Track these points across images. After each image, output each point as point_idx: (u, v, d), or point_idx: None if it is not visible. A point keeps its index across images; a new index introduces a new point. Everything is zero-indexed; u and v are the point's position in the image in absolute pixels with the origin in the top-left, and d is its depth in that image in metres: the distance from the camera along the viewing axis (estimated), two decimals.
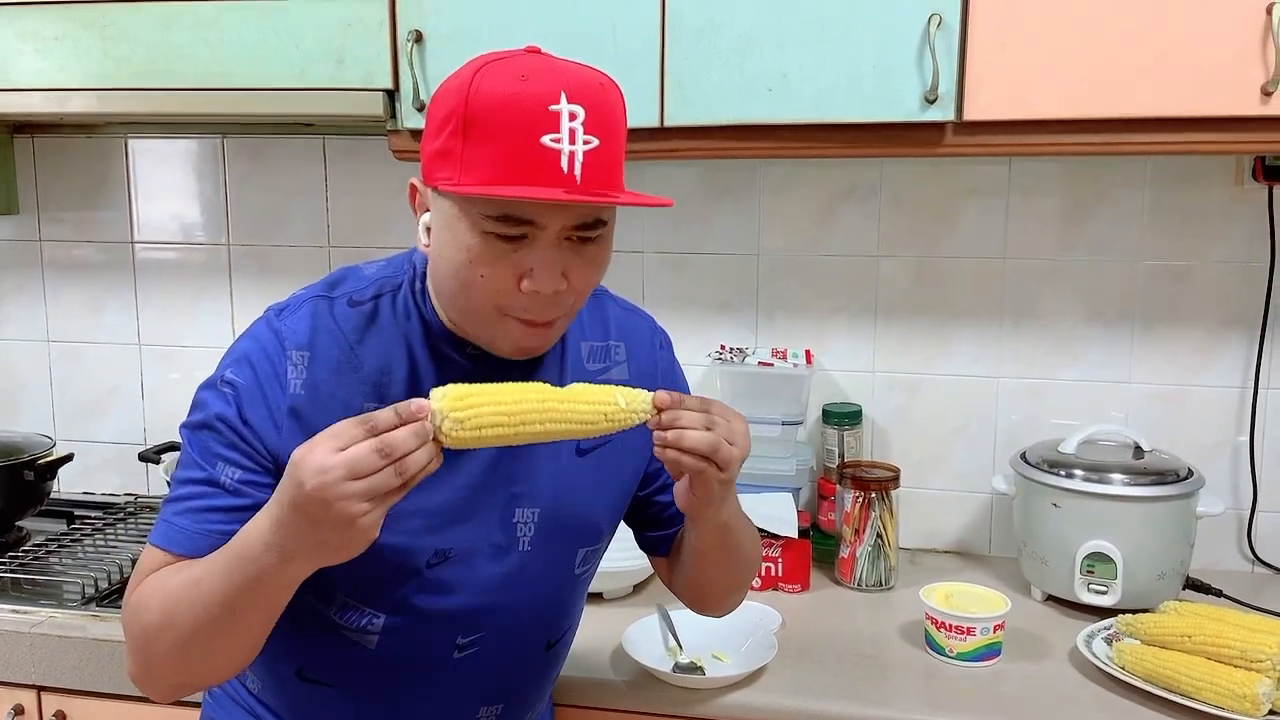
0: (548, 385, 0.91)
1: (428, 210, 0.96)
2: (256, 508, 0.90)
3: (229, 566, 0.88)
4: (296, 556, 0.85)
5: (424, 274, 1.02)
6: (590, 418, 0.90)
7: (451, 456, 0.93)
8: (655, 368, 1.16)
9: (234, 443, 0.96)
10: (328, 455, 0.81)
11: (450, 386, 0.86)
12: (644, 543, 1.23)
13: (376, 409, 0.86)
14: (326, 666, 1.06)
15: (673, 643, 1.41)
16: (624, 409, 0.92)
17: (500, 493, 1.03)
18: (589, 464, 1.08)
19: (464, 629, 1.05)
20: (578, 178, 0.88)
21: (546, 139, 0.87)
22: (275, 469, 0.95)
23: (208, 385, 0.99)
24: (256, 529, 0.87)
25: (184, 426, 1.00)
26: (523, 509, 1.04)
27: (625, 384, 1.02)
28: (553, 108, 0.88)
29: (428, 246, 0.96)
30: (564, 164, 0.88)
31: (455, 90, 0.90)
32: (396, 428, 0.82)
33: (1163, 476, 1.54)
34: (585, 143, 0.88)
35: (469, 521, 1.02)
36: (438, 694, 1.07)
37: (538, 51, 0.94)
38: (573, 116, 0.88)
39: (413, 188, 0.98)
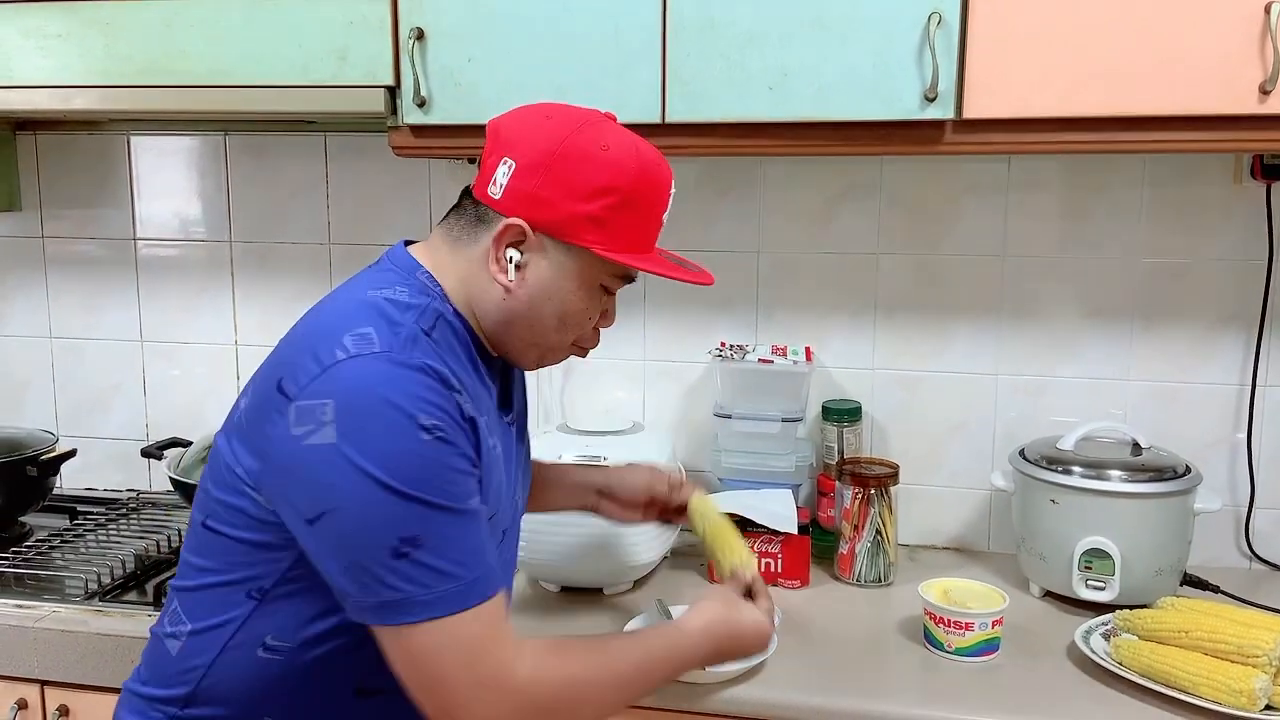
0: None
1: (517, 247, 1.05)
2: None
3: (669, 665, 1.15)
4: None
5: (442, 294, 1.07)
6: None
7: (502, 450, 1.11)
8: None
9: (469, 473, 0.98)
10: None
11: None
12: None
13: (484, 420, 1.02)
14: (387, 673, 1.03)
15: None
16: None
17: (518, 472, 1.20)
18: (524, 434, 1.28)
19: None
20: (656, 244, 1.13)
21: (665, 215, 1.12)
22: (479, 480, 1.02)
23: (411, 438, 0.93)
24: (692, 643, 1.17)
25: (406, 492, 0.93)
26: (519, 485, 1.22)
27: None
28: (670, 189, 1.12)
29: (511, 282, 1.06)
30: (659, 234, 1.12)
31: (621, 168, 1.04)
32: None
33: (1161, 473, 1.54)
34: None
35: (507, 499, 1.14)
36: None
37: (614, 119, 1.11)
38: (672, 196, 1.12)
39: (515, 228, 1.04)
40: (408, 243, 1.13)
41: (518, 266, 1.05)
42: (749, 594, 1.29)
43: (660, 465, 1.49)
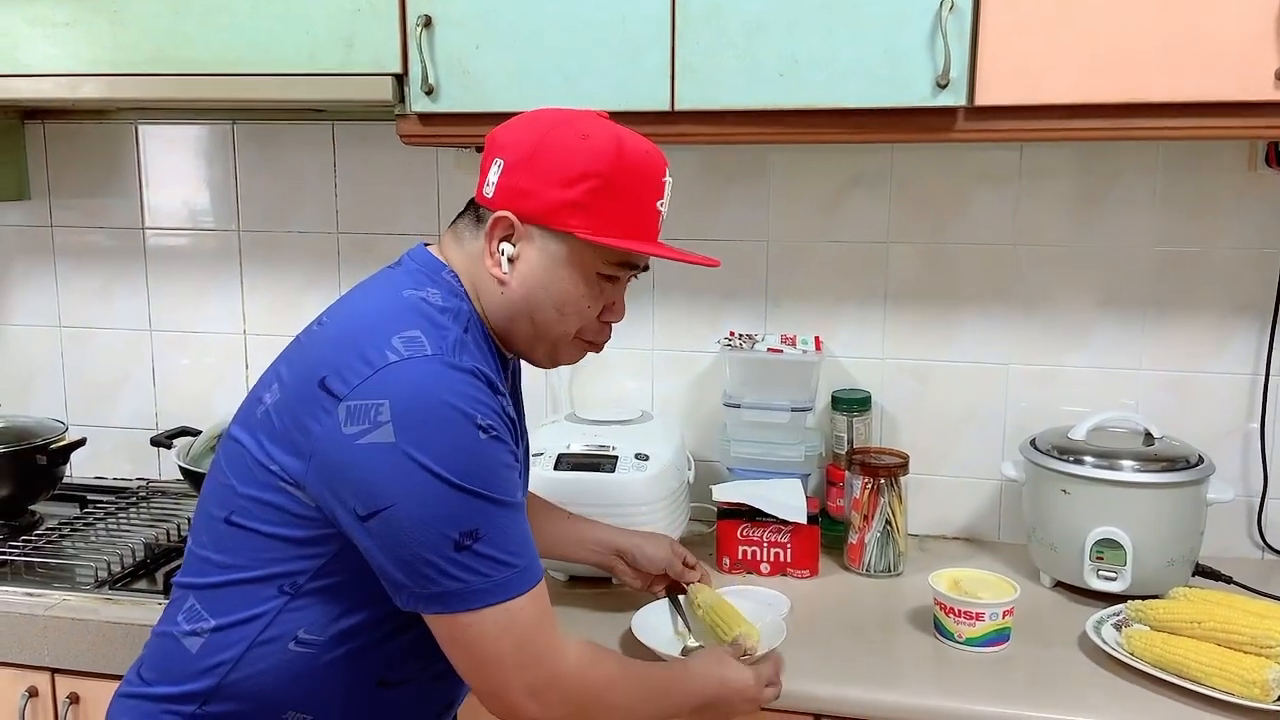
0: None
1: (507, 240, 1.08)
2: None
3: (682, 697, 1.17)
4: None
5: (467, 295, 1.11)
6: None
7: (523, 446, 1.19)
8: None
9: (515, 468, 1.05)
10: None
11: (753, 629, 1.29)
12: None
13: (514, 419, 1.08)
14: (408, 665, 1.09)
15: (681, 627, 1.42)
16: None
17: (522, 466, 1.19)
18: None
19: None
20: (659, 235, 1.12)
21: (659, 204, 1.11)
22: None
23: (467, 436, 0.97)
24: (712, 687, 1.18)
25: (467, 487, 0.97)
26: (522, 478, 1.21)
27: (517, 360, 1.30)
28: (664, 180, 1.11)
29: (506, 274, 1.09)
30: (659, 225, 1.13)
31: (598, 153, 1.06)
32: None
33: (1173, 463, 1.53)
34: (669, 208, 1.14)
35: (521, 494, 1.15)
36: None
37: (606, 117, 1.12)
38: (670, 187, 1.13)
39: (503, 220, 1.08)
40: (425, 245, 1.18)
41: (510, 259, 1.09)
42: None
43: (676, 542, 1.50)
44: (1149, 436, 1.59)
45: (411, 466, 0.95)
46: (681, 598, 1.45)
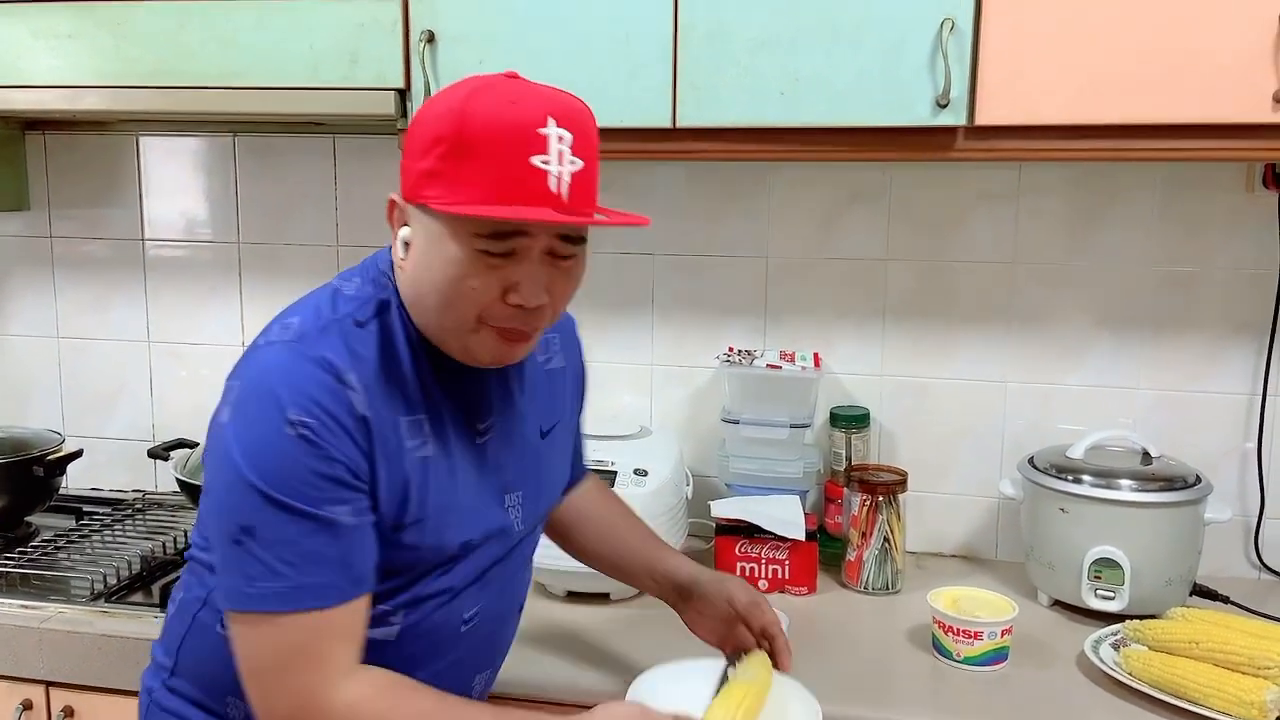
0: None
1: (406, 225, 1.00)
2: (370, 528, 0.98)
3: None
4: None
5: (395, 289, 1.04)
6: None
7: (460, 458, 1.06)
8: (579, 356, 1.30)
9: (338, 479, 0.95)
10: None
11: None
12: None
13: (407, 420, 1.00)
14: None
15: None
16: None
17: (496, 482, 1.11)
18: (549, 443, 1.20)
19: (468, 604, 1.11)
20: (565, 197, 0.94)
21: (536, 160, 0.92)
22: (370, 487, 0.98)
23: (275, 433, 0.93)
24: None
25: (256, 484, 0.93)
26: (511, 494, 1.13)
27: (563, 370, 1.25)
28: (541, 130, 0.93)
29: (404, 260, 1.00)
30: (552, 184, 0.93)
31: (446, 114, 0.94)
32: None
33: (1171, 483, 1.54)
34: (571, 164, 0.94)
35: (482, 512, 1.09)
36: (444, 669, 1.11)
37: (516, 76, 0.99)
38: (560, 139, 0.94)
39: (391, 203, 1.01)
40: None
41: (406, 244, 1.00)
42: None
43: (752, 592, 1.23)
44: (1147, 456, 1.60)
45: (225, 448, 0.94)
46: (730, 668, 1.17)
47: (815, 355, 1.82)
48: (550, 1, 1.49)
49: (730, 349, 1.85)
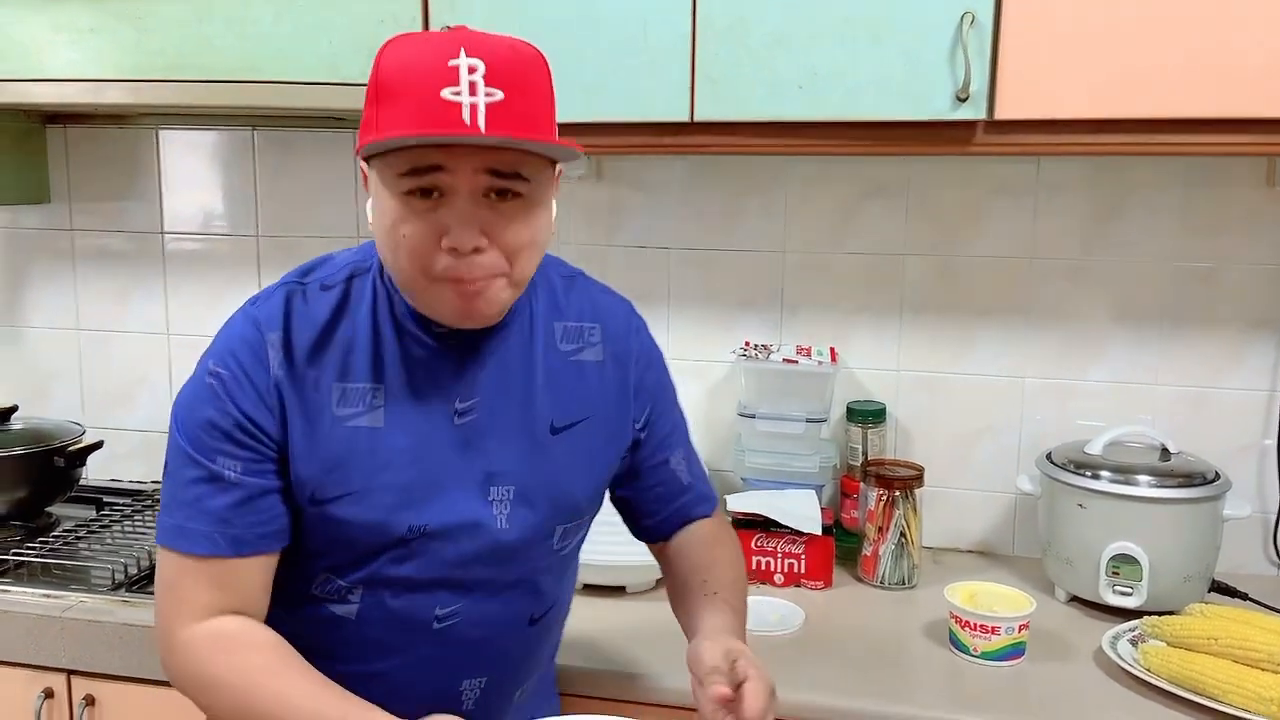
0: None
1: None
2: (263, 494, 1.00)
3: None
4: None
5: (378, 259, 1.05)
6: None
7: (425, 435, 1.03)
8: (630, 351, 1.17)
9: (228, 433, 0.99)
10: None
11: None
12: (638, 532, 1.27)
13: (344, 387, 1.01)
14: (313, 639, 1.07)
15: None
16: None
17: (475, 470, 1.06)
18: (564, 442, 1.10)
19: (442, 601, 1.07)
20: (482, 128, 0.90)
21: (446, 92, 0.89)
22: (275, 448, 1.01)
23: (194, 381, 1.02)
24: None
25: (174, 424, 1.02)
26: (498, 486, 1.07)
27: (599, 364, 1.13)
28: (452, 62, 0.90)
29: (371, 222, 1.00)
30: (465, 116, 0.89)
31: (374, 63, 0.94)
32: None
33: (1190, 479, 1.53)
34: (488, 95, 0.90)
35: (444, 498, 1.04)
36: (419, 665, 1.08)
37: (463, 28, 0.97)
38: (472, 70, 0.90)
39: (363, 174, 1.01)
40: None
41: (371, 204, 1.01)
42: None
43: (736, 655, 1.02)
44: (1165, 452, 1.59)
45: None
46: None
47: (832, 350, 1.82)
48: None
49: (746, 343, 1.85)
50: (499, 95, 0.91)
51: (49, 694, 1.54)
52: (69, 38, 1.63)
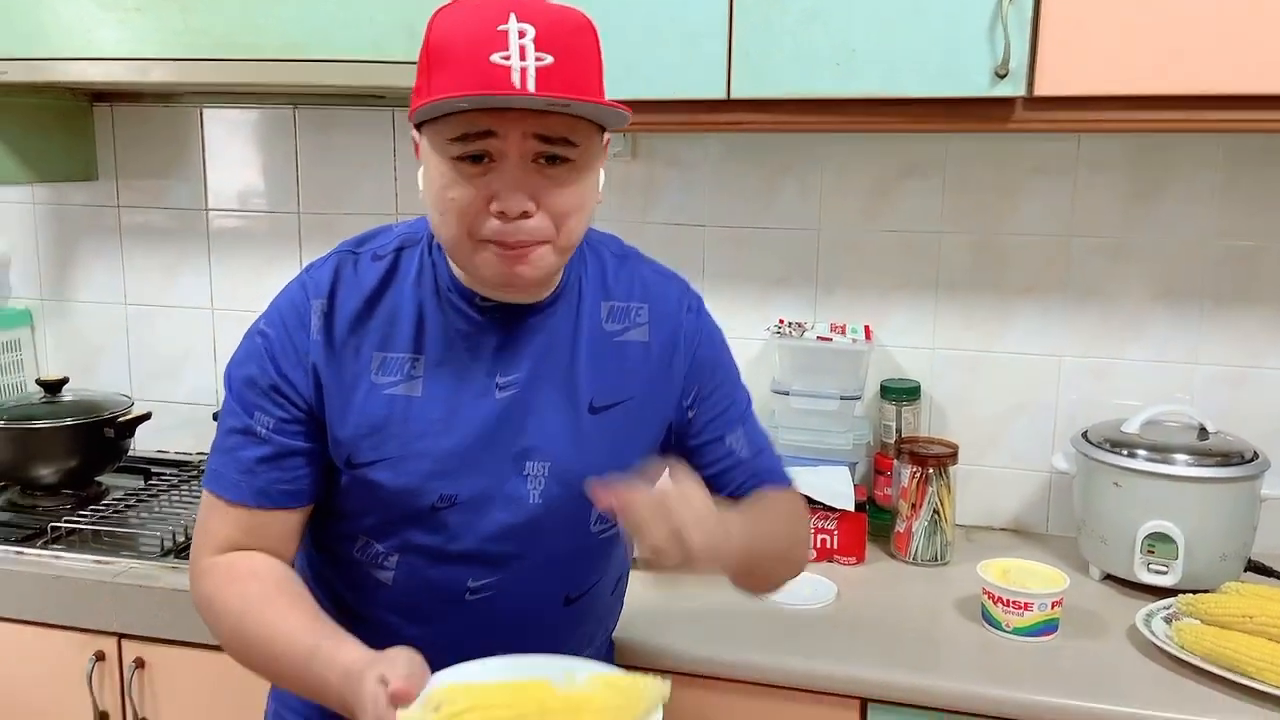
0: (550, 687, 0.91)
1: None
2: (289, 454, 1.05)
3: (294, 675, 0.99)
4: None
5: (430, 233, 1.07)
6: None
7: (463, 407, 1.05)
8: (679, 330, 1.15)
9: (266, 390, 1.05)
10: None
11: (444, 693, 0.88)
12: None
13: (384, 356, 1.04)
14: (357, 602, 1.11)
15: None
16: (637, 698, 0.91)
17: (511, 445, 1.07)
18: (603, 422, 1.10)
19: (475, 573, 1.09)
20: (531, 91, 0.91)
21: (496, 57, 0.90)
22: (308, 411, 1.05)
23: (246, 338, 1.08)
24: (322, 681, 0.95)
25: (225, 376, 1.09)
26: (534, 462, 1.08)
27: (644, 345, 1.12)
28: (501, 27, 0.91)
29: (423, 192, 1.02)
30: (515, 80, 0.90)
31: (424, 33, 0.96)
32: None
33: (1227, 458, 1.52)
34: (538, 59, 0.91)
35: (479, 470, 1.06)
36: (453, 636, 1.08)
37: None
38: (522, 34, 0.91)
39: (414, 142, 1.02)
40: None
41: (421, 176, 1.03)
42: None
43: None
44: (1203, 431, 1.58)
45: None
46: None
47: (866, 328, 1.82)
48: None
49: (781, 321, 1.86)
50: (548, 60, 0.91)
51: (100, 657, 1.58)
52: (116, 17, 1.67)
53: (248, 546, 1.06)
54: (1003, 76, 1.39)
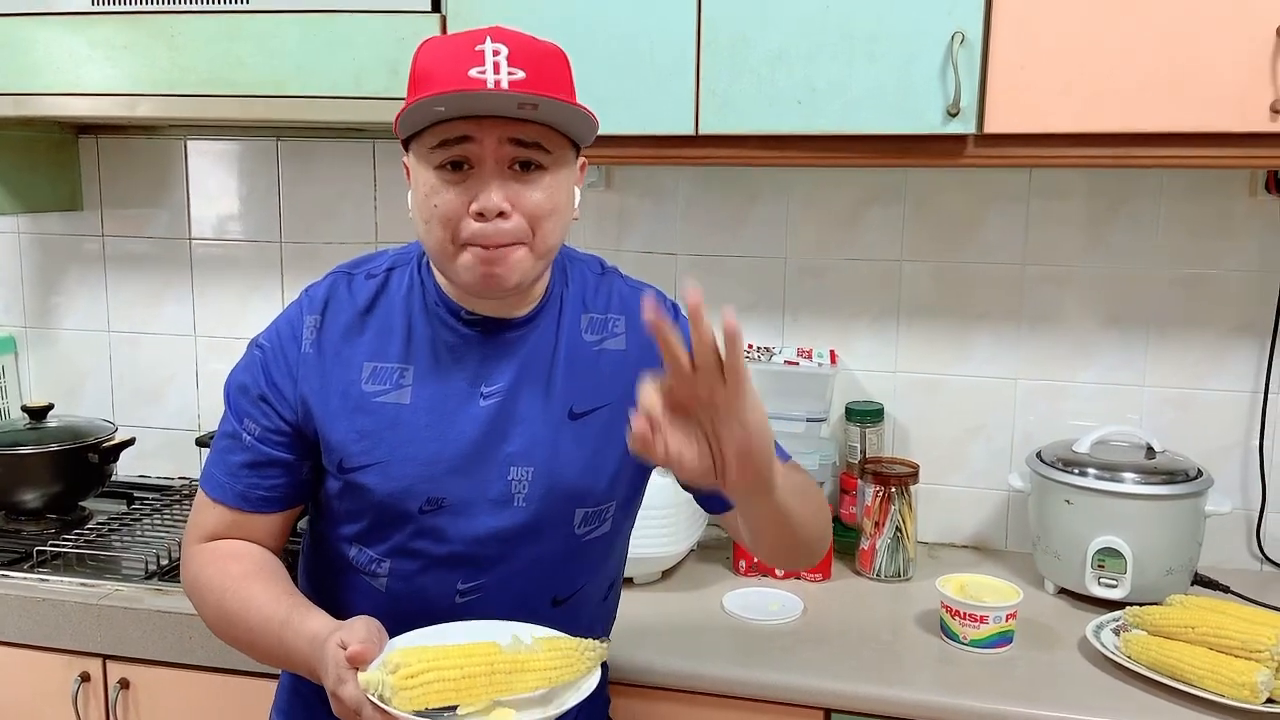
0: (498, 648, 0.99)
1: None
2: (269, 463, 1.13)
3: (269, 646, 1.08)
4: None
5: (421, 253, 1.15)
6: (539, 681, 1.00)
7: (450, 414, 1.11)
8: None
9: (255, 400, 1.13)
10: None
11: (399, 655, 0.95)
12: (702, 503, 1.26)
13: (375, 365, 1.11)
14: (350, 606, 1.15)
15: None
16: (578, 659, 1.03)
17: (496, 450, 1.12)
18: (584, 427, 1.15)
19: (463, 576, 1.13)
20: (505, 89, 0.99)
21: (473, 71, 0.99)
22: (293, 424, 1.13)
23: (248, 348, 1.17)
24: (294, 650, 1.04)
25: (226, 382, 1.17)
26: (518, 468, 1.12)
27: (622, 353, 1.17)
28: (478, 47, 1.00)
29: (411, 209, 1.09)
30: (490, 87, 0.99)
31: (411, 62, 1.05)
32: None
33: (1173, 476, 1.60)
34: (511, 73, 1.00)
35: (465, 474, 1.11)
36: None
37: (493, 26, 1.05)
38: (496, 52, 1.00)
39: (405, 166, 1.10)
40: None
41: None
42: None
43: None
44: (1150, 450, 1.65)
45: None
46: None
47: (832, 352, 1.89)
48: (579, 14, 1.56)
49: (749, 345, 1.92)
50: (520, 74, 1.00)
51: (85, 677, 1.61)
52: (106, 54, 1.71)
53: (224, 533, 1.16)
54: (954, 115, 1.46)
